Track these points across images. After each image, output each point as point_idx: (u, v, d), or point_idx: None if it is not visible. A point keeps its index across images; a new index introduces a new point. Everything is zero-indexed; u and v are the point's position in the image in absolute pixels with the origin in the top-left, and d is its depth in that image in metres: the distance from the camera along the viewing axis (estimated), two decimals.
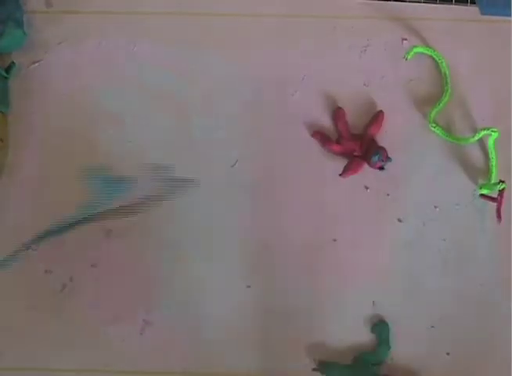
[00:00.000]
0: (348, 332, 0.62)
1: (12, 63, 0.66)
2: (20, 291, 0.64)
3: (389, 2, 0.67)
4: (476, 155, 0.65)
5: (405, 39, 0.67)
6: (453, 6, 0.67)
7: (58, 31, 0.67)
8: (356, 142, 0.64)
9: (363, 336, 0.62)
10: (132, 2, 0.68)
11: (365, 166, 0.64)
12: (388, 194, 0.64)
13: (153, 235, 0.64)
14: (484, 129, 0.63)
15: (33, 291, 0.64)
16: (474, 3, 0.67)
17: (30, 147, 0.66)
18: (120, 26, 0.67)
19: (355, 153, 0.64)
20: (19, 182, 0.65)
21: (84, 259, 0.64)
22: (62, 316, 0.63)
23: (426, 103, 0.65)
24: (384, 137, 0.65)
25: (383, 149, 0.63)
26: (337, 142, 0.64)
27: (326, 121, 0.66)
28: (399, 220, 0.64)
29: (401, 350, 0.62)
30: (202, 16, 0.67)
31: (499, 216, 0.62)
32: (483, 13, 0.67)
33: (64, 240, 0.64)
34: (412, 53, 0.65)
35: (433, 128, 0.64)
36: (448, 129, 0.65)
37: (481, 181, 0.64)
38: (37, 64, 0.67)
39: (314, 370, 0.62)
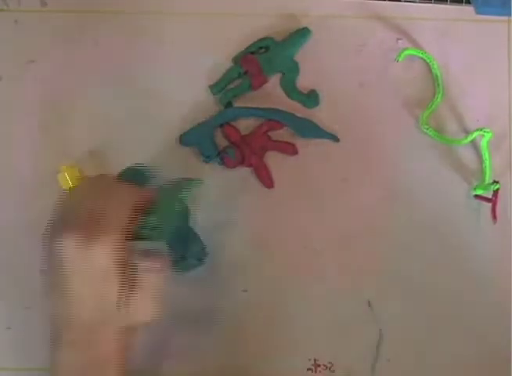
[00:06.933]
0: (345, 333, 0.62)
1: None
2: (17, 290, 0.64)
3: (384, 2, 0.67)
4: (469, 156, 0.65)
5: (400, 39, 0.66)
6: (448, 6, 0.67)
7: (52, 30, 0.67)
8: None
9: (361, 336, 0.62)
10: (129, 1, 0.68)
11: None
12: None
13: None
14: (477, 130, 0.63)
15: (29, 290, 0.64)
16: (470, 3, 0.67)
17: (25, 146, 0.66)
18: (117, 25, 0.67)
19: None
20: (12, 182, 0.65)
21: None
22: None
23: (419, 104, 0.65)
24: (377, 138, 0.65)
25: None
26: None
27: None
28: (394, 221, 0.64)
29: (398, 352, 0.62)
30: (202, 15, 0.67)
31: (494, 216, 0.62)
32: (478, 13, 0.66)
33: None
34: (403, 55, 0.65)
35: (425, 130, 0.64)
36: (440, 131, 0.65)
37: (474, 182, 0.64)
38: (32, 64, 0.67)
39: None
